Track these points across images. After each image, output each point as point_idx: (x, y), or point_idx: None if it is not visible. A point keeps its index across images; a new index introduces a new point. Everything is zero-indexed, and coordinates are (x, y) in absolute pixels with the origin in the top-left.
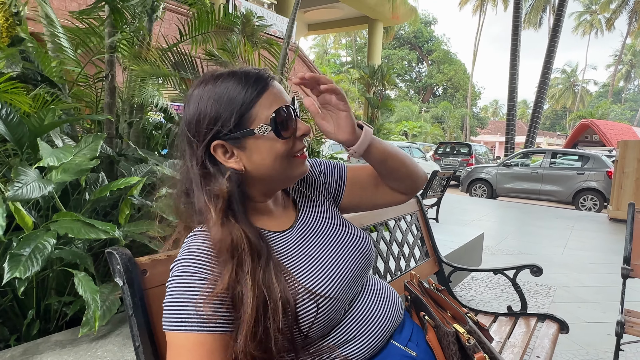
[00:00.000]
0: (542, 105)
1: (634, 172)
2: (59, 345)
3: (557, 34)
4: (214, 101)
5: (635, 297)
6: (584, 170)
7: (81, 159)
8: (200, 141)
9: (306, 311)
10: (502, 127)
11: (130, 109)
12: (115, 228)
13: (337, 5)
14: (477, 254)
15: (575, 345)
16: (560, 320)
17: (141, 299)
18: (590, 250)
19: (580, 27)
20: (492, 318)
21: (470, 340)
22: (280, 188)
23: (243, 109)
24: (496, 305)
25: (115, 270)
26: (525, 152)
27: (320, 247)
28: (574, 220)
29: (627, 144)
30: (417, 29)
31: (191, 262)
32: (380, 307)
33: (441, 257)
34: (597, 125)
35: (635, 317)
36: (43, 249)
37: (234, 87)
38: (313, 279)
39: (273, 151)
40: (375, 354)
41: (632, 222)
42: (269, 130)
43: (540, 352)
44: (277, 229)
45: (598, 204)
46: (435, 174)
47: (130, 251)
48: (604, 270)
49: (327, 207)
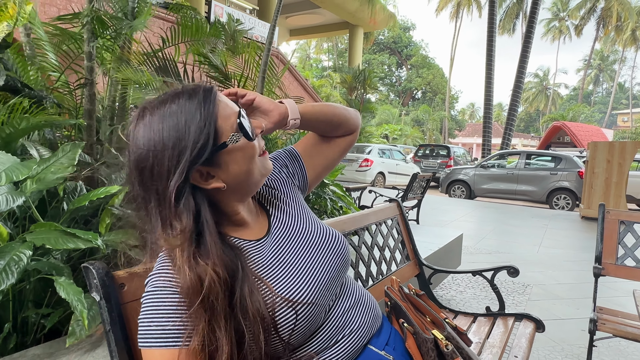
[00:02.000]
0: (516, 108)
1: (603, 172)
2: (36, 358)
3: (530, 40)
4: (171, 130)
5: (607, 294)
6: (556, 170)
7: (57, 167)
8: (166, 178)
9: (285, 320)
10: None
11: (111, 115)
12: (97, 237)
13: (319, 11)
14: (456, 255)
15: (552, 342)
16: (537, 319)
17: (119, 314)
18: (563, 248)
19: (549, 33)
20: (472, 319)
21: (448, 347)
22: (253, 192)
23: (208, 127)
24: (475, 304)
25: (92, 284)
26: (502, 154)
27: (295, 252)
28: (548, 219)
29: (597, 145)
30: (397, 35)
31: (165, 276)
32: (357, 312)
33: (422, 260)
34: (569, 127)
35: (607, 314)
36: (19, 260)
37: (187, 108)
38: (290, 287)
39: (247, 156)
40: (353, 359)
41: (603, 223)
42: (240, 137)
43: (518, 352)
44: (252, 238)
45: (570, 202)
46: (415, 176)
47: (112, 260)
48: (577, 268)
49: (297, 209)
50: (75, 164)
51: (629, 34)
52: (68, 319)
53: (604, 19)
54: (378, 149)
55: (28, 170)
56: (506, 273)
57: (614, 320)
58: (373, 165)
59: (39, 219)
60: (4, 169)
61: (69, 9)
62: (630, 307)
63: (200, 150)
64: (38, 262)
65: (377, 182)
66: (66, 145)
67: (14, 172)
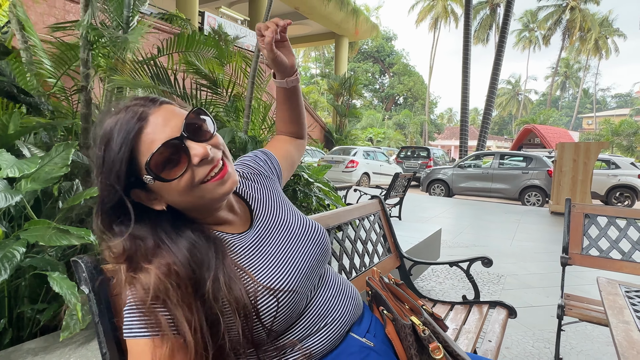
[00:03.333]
0: (491, 112)
1: (570, 171)
2: (31, 353)
3: (502, 49)
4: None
5: (574, 282)
6: (528, 169)
7: (51, 168)
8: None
9: (267, 307)
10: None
11: None
12: (90, 233)
13: (306, 22)
14: (435, 248)
15: (523, 327)
16: (509, 306)
17: (107, 307)
18: (534, 241)
19: (520, 42)
20: (449, 307)
21: (425, 332)
22: (212, 211)
23: (125, 164)
24: (453, 294)
25: (81, 278)
26: (477, 155)
27: (277, 243)
28: (520, 215)
29: (564, 146)
30: (379, 44)
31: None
32: (339, 301)
33: (402, 253)
34: (539, 130)
35: (573, 301)
36: (12, 257)
37: (115, 136)
38: (271, 276)
39: (174, 191)
40: (336, 346)
41: (569, 216)
42: (151, 180)
43: (492, 337)
44: (235, 231)
45: (541, 199)
46: (397, 175)
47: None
48: (547, 259)
49: (278, 202)
50: (68, 163)
51: (592, 43)
52: (64, 314)
53: (569, 30)
54: (363, 151)
55: (35, 164)
56: (481, 264)
57: (580, 306)
58: (358, 166)
59: (33, 217)
60: (16, 163)
61: (66, 18)
62: (595, 293)
63: (119, 177)
64: (33, 259)
65: (362, 182)
66: (59, 146)
67: (25, 165)
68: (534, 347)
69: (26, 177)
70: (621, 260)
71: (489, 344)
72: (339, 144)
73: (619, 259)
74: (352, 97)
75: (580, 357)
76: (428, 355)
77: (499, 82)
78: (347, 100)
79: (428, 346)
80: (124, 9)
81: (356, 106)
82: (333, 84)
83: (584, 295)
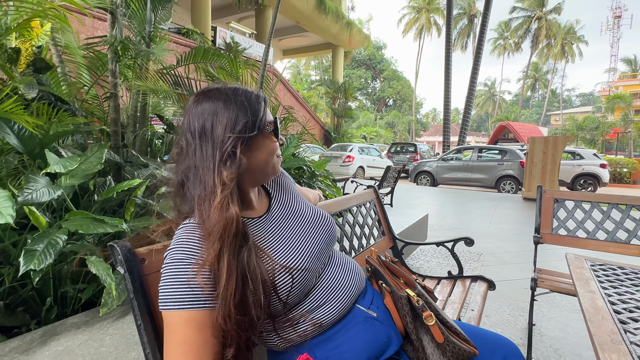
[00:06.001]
0: (470, 112)
1: (540, 162)
2: (74, 326)
3: (480, 56)
4: (238, 109)
5: (545, 258)
6: (503, 161)
7: (87, 165)
8: (225, 139)
9: (283, 283)
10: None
11: (134, 123)
12: (122, 222)
13: (306, 34)
14: (423, 231)
15: (501, 299)
16: (489, 280)
17: (141, 284)
18: (509, 223)
19: (496, 49)
20: (437, 281)
21: (419, 302)
22: (263, 182)
23: (259, 114)
24: (440, 270)
25: (117, 260)
26: (458, 149)
27: (291, 228)
28: (497, 201)
29: (535, 140)
30: (371, 53)
31: (182, 250)
32: (345, 276)
33: (395, 235)
34: (512, 126)
35: (544, 274)
36: (55, 244)
37: (249, 98)
38: (287, 256)
39: (269, 148)
40: (343, 316)
41: (541, 200)
42: (271, 129)
43: (474, 306)
44: (255, 215)
45: (514, 187)
46: (389, 168)
47: (134, 242)
48: (520, 239)
49: (293, 193)
50: (102, 161)
51: (558, 48)
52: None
53: (536, 37)
54: (358, 147)
55: (75, 162)
56: (464, 243)
57: (550, 279)
58: (354, 161)
59: (72, 209)
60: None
61: (95, 34)
62: (563, 268)
63: (249, 126)
64: (73, 245)
65: (358, 174)
66: (94, 146)
67: (68, 162)
68: (510, 315)
69: (65, 174)
70: (586, 238)
71: (472, 312)
72: (336, 141)
73: (584, 238)
74: (348, 100)
75: (551, 323)
76: (421, 322)
77: (477, 84)
78: (344, 103)
79: (421, 314)
80: (146, 25)
81: (351, 108)
82: (330, 90)
83: (554, 269)
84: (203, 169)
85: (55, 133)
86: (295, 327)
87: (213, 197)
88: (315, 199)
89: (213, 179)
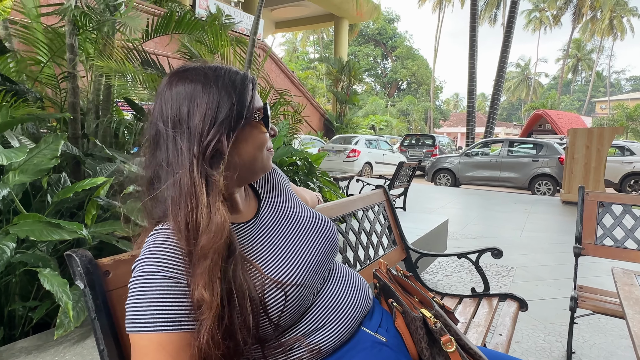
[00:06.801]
0: (499, 98)
1: (582, 158)
2: (24, 351)
3: (511, 31)
4: (220, 93)
5: (587, 273)
6: (538, 157)
7: (40, 159)
8: (204, 130)
9: (275, 301)
10: (463, 119)
11: (96, 108)
12: (82, 227)
13: (304, 3)
14: (442, 240)
15: (534, 321)
16: (520, 298)
17: (104, 302)
18: (545, 231)
19: (530, 23)
20: (457, 300)
21: (436, 324)
22: (250, 180)
23: (245, 99)
24: (461, 287)
25: (76, 272)
26: (485, 142)
27: (284, 235)
28: (530, 205)
29: (577, 131)
30: (381, 26)
31: (154, 261)
32: (349, 294)
33: (408, 244)
34: (549, 115)
35: (586, 292)
36: (1, 253)
37: (234, 80)
38: (279, 269)
39: (258, 140)
40: (346, 340)
41: (582, 204)
42: (260, 117)
43: (502, 330)
44: (241, 220)
45: (552, 188)
46: (401, 165)
47: (99, 252)
48: (558, 250)
49: (287, 194)
50: (58, 155)
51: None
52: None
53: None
54: (365, 139)
55: (23, 154)
56: (490, 255)
57: (594, 298)
58: (360, 156)
59: (22, 211)
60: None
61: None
62: (609, 285)
63: (233, 114)
64: (23, 255)
65: (365, 172)
66: (48, 137)
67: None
68: (546, 341)
69: (14, 170)
70: (637, 250)
71: (499, 337)
72: (339, 132)
73: (635, 249)
74: (353, 82)
75: (594, 350)
76: (439, 348)
77: (507, 65)
78: (348, 86)
79: (440, 339)
80: None
81: (357, 92)
82: (332, 69)
83: (597, 287)
84: (177, 166)
85: (5, 122)
86: (289, 354)
87: (192, 200)
88: (314, 201)
89: (191, 178)
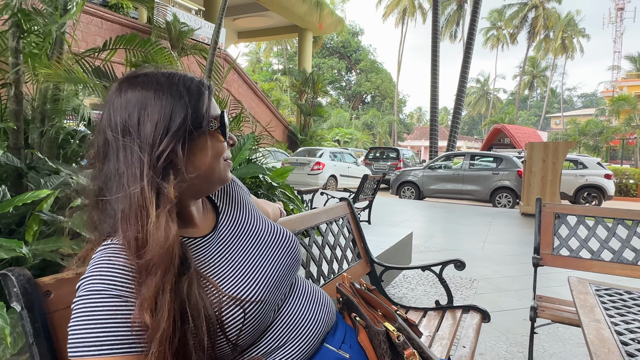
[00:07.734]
0: (460, 112)
1: (539, 171)
2: None
3: (471, 48)
4: (174, 100)
5: (546, 283)
6: (498, 170)
7: None
8: (156, 140)
9: (233, 319)
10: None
11: (41, 117)
12: (22, 245)
13: (267, 13)
14: (407, 253)
15: (497, 332)
16: (483, 310)
17: (44, 325)
18: (506, 243)
19: (489, 41)
20: (422, 313)
21: (399, 338)
22: (207, 192)
23: (201, 107)
24: (426, 300)
25: (12, 293)
26: (447, 155)
27: (243, 249)
28: (491, 217)
29: (533, 145)
30: (345, 39)
31: (101, 279)
32: (311, 310)
33: (372, 258)
34: (508, 130)
35: (545, 302)
36: None
37: (189, 87)
38: (237, 285)
39: (214, 150)
40: (309, 358)
41: (540, 215)
42: (217, 125)
43: (466, 342)
44: (197, 235)
45: (511, 200)
46: (366, 177)
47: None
48: (519, 261)
49: (247, 206)
50: None
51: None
52: None
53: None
54: (330, 152)
55: None
56: (453, 267)
57: (552, 307)
58: (325, 169)
59: None
60: None
61: None
62: (566, 294)
63: (187, 123)
64: None
65: (330, 186)
66: None
67: None
68: (508, 352)
69: None
70: (591, 259)
71: (463, 349)
72: (303, 144)
73: (588, 258)
74: (317, 94)
75: (553, 359)
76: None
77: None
78: (312, 98)
79: (403, 353)
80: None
81: (321, 104)
82: (295, 82)
83: (555, 296)
84: (127, 177)
85: None
86: None
87: (143, 213)
88: (276, 213)
89: (141, 191)
